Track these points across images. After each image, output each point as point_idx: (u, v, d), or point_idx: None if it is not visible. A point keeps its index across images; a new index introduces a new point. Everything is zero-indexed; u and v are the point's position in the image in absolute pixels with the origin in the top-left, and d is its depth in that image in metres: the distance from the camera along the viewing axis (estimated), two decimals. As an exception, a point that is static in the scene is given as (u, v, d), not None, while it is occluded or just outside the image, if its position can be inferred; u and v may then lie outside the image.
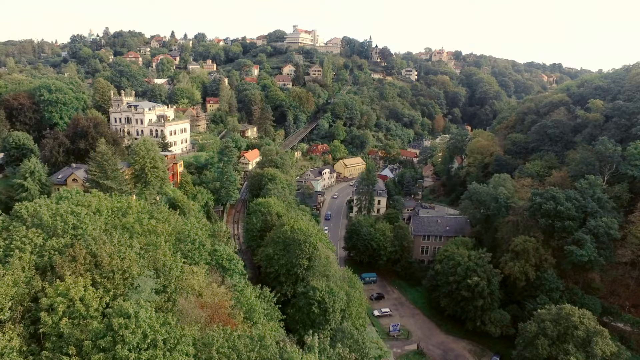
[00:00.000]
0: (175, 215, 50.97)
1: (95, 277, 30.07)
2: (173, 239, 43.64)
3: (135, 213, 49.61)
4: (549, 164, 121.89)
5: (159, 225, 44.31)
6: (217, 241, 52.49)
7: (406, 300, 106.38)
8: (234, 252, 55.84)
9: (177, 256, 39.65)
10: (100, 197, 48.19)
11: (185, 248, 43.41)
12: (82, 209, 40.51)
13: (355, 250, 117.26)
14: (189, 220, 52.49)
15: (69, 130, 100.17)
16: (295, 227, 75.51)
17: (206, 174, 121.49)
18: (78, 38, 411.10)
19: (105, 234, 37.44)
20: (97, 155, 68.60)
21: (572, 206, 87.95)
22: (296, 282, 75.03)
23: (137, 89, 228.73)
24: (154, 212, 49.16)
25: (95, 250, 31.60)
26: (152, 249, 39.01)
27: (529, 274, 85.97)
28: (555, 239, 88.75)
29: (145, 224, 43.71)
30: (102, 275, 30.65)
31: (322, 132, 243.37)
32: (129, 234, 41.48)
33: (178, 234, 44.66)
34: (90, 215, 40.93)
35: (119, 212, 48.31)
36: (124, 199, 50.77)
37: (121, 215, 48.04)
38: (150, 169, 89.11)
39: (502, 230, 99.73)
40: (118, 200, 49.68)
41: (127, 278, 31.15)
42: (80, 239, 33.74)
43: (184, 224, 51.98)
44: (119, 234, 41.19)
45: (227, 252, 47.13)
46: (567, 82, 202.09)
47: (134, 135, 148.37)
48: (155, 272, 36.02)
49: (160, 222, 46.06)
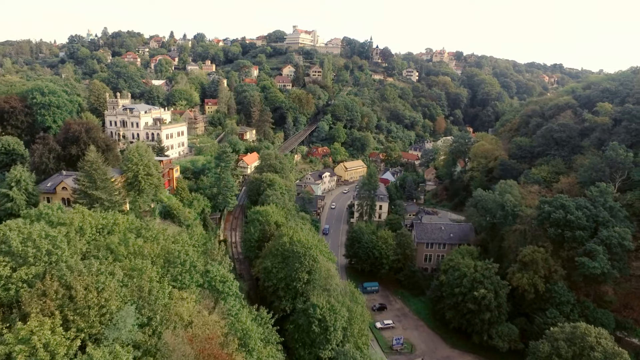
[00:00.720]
0: (166, 232, 47.47)
1: (67, 314, 26.62)
2: (161, 261, 40.16)
3: (123, 230, 46.15)
4: (556, 170, 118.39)
5: (146, 245, 40.82)
6: (211, 259, 49.07)
7: (409, 311, 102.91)
8: (229, 271, 52.28)
9: (165, 282, 36.22)
10: (85, 213, 44.73)
11: (175, 271, 39.94)
12: (60, 229, 37.02)
13: (357, 259, 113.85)
14: (180, 237, 48.99)
15: (60, 135, 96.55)
16: (294, 239, 72.05)
17: (203, 179, 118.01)
18: (76, 38, 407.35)
19: (83, 260, 34.03)
20: (85, 164, 65.10)
21: (582, 215, 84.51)
22: (295, 297, 71.66)
23: (134, 90, 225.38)
24: (142, 229, 45.69)
25: (69, 282, 28.17)
26: (137, 274, 35.52)
27: (538, 286, 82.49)
28: (565, 250, 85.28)
29: (131, 244, 40.22)
30: (75, 311, 27.19)
31: (322, 134, 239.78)
32: (113, 257, 37.99)
33: (167, 255, 41.18)
34: (70, 237, 37.45)
35: (104, 229, 44.85)
36: (110, 215, 47.22)
37: (107, 233, 44.56)
38: (143, 176, 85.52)
39: (509, 239, 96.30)
40: (104, 216, 46.17)
41: (105, 314, 27.69)
42: (54, 269, 30.27)
43: (174, 241, 48.49)
44: (102, 256, 37.73)
45: (220, 273, 43.61)
46: (572, 84, 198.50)
47: (130, 139, 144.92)
48: (139, 301, 32.53)
49: (148, 241, 42.55)
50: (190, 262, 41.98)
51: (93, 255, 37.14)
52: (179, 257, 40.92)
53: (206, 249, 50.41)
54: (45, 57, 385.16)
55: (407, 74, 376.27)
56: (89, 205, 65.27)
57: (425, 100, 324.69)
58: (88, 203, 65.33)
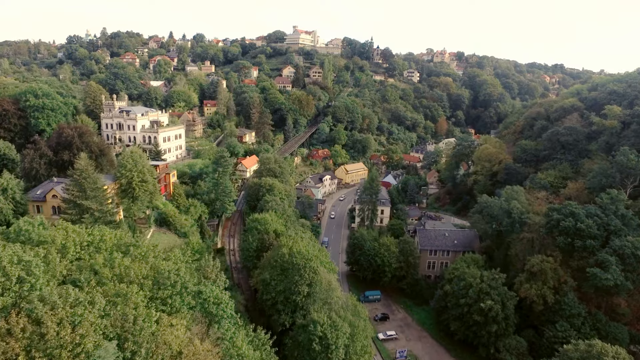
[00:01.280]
0: (156, 248, 44.35)
1: (35, 356, 23.48)
2: (150, 283, 37.04)
3: (110, 247, 43.01)
4: (563, 175, 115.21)
5: (133, 265, 37.68)
6: (204, 277, 45.97)
7: (412, 321, 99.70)
8: (225, 287, 49.13)
9: (153, 308, 33.11)
10: (68, 229, 41.63)
11: (164, 293, 36.85)
12: (38, 250, 33.93)
13: (358, 266, 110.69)
14: (172, 253, 45.84)
15: (52, 140, 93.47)
16: (294, 250, 68.95)
17: (200, 184, 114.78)
18: (74, 39, 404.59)
19: (62, 285, 30.96)
20: (75, 173, 62.00)
21: (593, 223, 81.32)
22: (295, 310, 68.51)
23: (132, 92, 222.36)
24: (130, 246, 42.58)
25: (40, 317, 25.09)
26: (121, 301, 32.39)
27: (547, 298, 79.39)
28: (575, 259, 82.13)
29: (117, 264, 37.10)
30: (45, 351, 24.06)
31: (322, 136, 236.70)
32: (97, 279, 34.86)
33: (156, 275, 38.08)
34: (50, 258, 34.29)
35: (90, 246, 41.74)
36: (97, 230, 44.08)
37: (93, 251, 41.44)
38: (138, 182, 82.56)
39: (516, 247, 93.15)
40: (89, 232, 43.04)
41: (79, 354, 24.57)
42: (24, 300, 27.18)
43: (166, 257, 45.36)
44: (85, 279, 34.59)
45: (214, 294, 40.49)
46: (576, 86, 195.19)
47: (126, 142, 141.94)
48: (122, 333, 29.40)
49: (136, 260, 39.42)
50: (182, 283, 38.84)
51: (74, 279, 34.04)
52: (168, 278, 37.78)
53: (200, 265, 47.29)
54: (44, 57, 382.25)
55: (408, 74, 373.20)
56: (79, 216, 62.35)
57: (427, 101, 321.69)
58: (78, 213, 62.35)
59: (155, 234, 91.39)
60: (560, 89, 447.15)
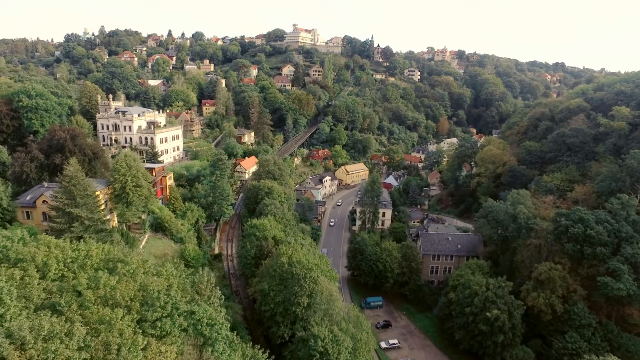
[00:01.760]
0: (146, 264, 41.47)
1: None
2: (138, 305, 34.20)
3: (96, 263, 40.14)
4: (569, 177, 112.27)
5: (120, 285, 34.85)
6: (198, 294, 43.12)
7: (415, 328, 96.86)
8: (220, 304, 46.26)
9: (139, 336, 30.26)
10: (51, 245, 38.75)
11: (153, 316, 34.02)
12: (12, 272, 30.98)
13: (359, 271, 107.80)
14: (164, 269, 42.93)
15: (44, 142, 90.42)
16: (293, 260, 66.21)
17: (198, 187, 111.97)
18: (72, 37, 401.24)
19: (37, 312, 28.15)
20: (64, 180, 59.08)
21: (603, 230, 78.46)
22: (295, 322, 65.83)
23: (129, 91, 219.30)
24: (118, 262, 39.71)
25: (5, 357, 22.29)
26: (104, 328, 29.55)
27: (555, 307, 76.65)
28: (584, 267, 79.23)
29: (103, 284, 34.26)
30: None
31: (322, 136, 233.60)
32: (79, 302, 32.00)
33: (144, 296, 35.22)
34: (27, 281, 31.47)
35: (74, 262, 38.87)
36: (83, 245, 41.17)
37: (77, 268, 38.56)
38: (132, 187, 79.73)
39: (522, 253, 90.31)
40: (74, 247, 40.15)
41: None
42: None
43: (157, 273, 42.48)
44: (65, 303, 31.70)
45: (208, 313, 37.64)
46: (581, 86, 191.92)
47: (122, 143, 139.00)
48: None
49: (124, 279, 36.57)
50: (173, 303, 35.96)
51: (54, 303, 31.18)
52: (158, 299, 34.91)
53: (193, 281, 44.48)
54: (41, 56, 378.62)
55: (409, 73, 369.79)
56: (68, 224, 59.51)
57: (428, 100, 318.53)
58: (66, 222, 59.48)
59: (150, 239, 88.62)
60: (561, 88, 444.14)
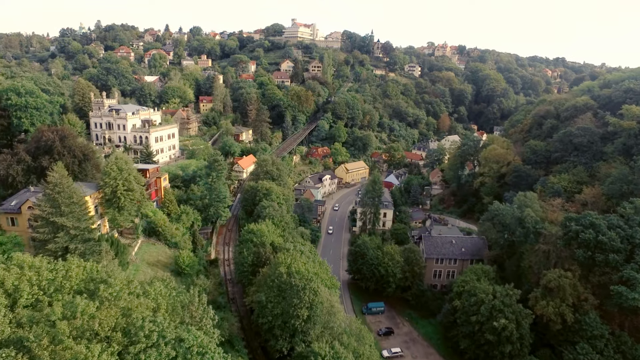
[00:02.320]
0: (132, 285, 37.83)
1: None
2: (119, 335, 30.72)
3: (77, 284, 36.58)
4: (577, 179, 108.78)
5: (100, 313, 31.30)
6: (189, 317, 39.59)
7: (418, 335, 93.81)
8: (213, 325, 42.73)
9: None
10: (24, 265, 35.05)
11: (137, 348, 30.57)
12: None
13: (360, 275, 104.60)
14: (152, 288, 39.33)
15: (31, 144, 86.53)
16: (292, 270, 62.78)
17: (194, 188, 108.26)
18: (68, 32, 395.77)
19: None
20: (47, 186, 55.36)
21: (616, 236, 75.07)
22: (294, 335, 62.62)
23: (124, 87, 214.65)
24: (101, 283, 36.13)
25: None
26: (78, 367, 26.04)
27: (565, 316, 73.50)
28: (596, 275, 75.90)
29: (80, 312, 30.73)
30: None
31: (322, 133, 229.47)
32: (50, 337, 28.47)
33: (127, 324, 31.74)
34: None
35: (51, 285, 35.29)
36: (61, 265, 37.41)
37: (54, 291, 34.98)
38: (123, 192, 76.10)
39: (530, 259, 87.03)
40: (51, 268, 36.47)
41: None
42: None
43: (144, 292, 38.90)
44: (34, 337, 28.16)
45: (198, 340, 34.16)
46: (587, 83, 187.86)
47: (116, 142, 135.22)
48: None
49: (104, 305, 32.99)
50: (159, 332, 32.45)
51: (21, 338, 27.68)
52: (142, 327, 31.42)
53: (184, 302, 40.92)
54: (36, 51, 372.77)
55: (409, 69, 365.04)
56: (52, 234, 55.92)
57: (429, 96, 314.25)
58: (51, 232, 55.89)
59: (143, 245, 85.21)
60: (562, 83, 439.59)
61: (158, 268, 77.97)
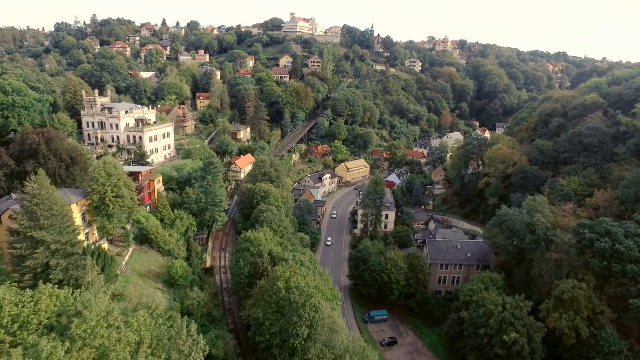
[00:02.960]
0: (111, 317, 33.50)
1: None
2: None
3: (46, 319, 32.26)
4: (588, 181, 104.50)
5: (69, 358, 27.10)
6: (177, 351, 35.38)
7: (423, 346, 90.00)
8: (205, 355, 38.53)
9: None
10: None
11: (111, 399, 26.48)
12: None
13: (362, 281, 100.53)
14: (135, 319, 35.04)
15: (15, 147, 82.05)
16: (291, 285, 58.59)
17: (188, 191, 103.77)
18: (62, 26, 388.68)
19: None
20: (24, 198, 50.90)
21: (634, 245, 71.01)
22: (293, 354, 58.54)
23: (119, 84, 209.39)
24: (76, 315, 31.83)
25: None
26: None
27: (580, 330, 69.60)
28: (612, 286, 71.83)
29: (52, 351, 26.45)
30: None
31: (321, 131, 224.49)
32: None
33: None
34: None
35: (16, 321, 30.99)
36: (29, 296, 32.89)
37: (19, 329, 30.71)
38: (111, 198, 71.66)
39: (540, 267, 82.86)
40: (19, 299, 31.85)
41: None
42: None
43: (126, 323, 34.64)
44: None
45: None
46: (594, 79, 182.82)
47: (108, 142, 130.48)
48: None
49: (76, 345, 28.74)
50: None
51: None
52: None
53: (171, 335, 36.58)
54: (30, 45, 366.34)
55: (410, 64, 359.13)
56: (30, 250, 51.47)
57: (430, 92, 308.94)
58: (29, 247, 51.45)
59: (134, 253, 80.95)
60: (563, 78, 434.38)
61: (150, 279, 73.78)
